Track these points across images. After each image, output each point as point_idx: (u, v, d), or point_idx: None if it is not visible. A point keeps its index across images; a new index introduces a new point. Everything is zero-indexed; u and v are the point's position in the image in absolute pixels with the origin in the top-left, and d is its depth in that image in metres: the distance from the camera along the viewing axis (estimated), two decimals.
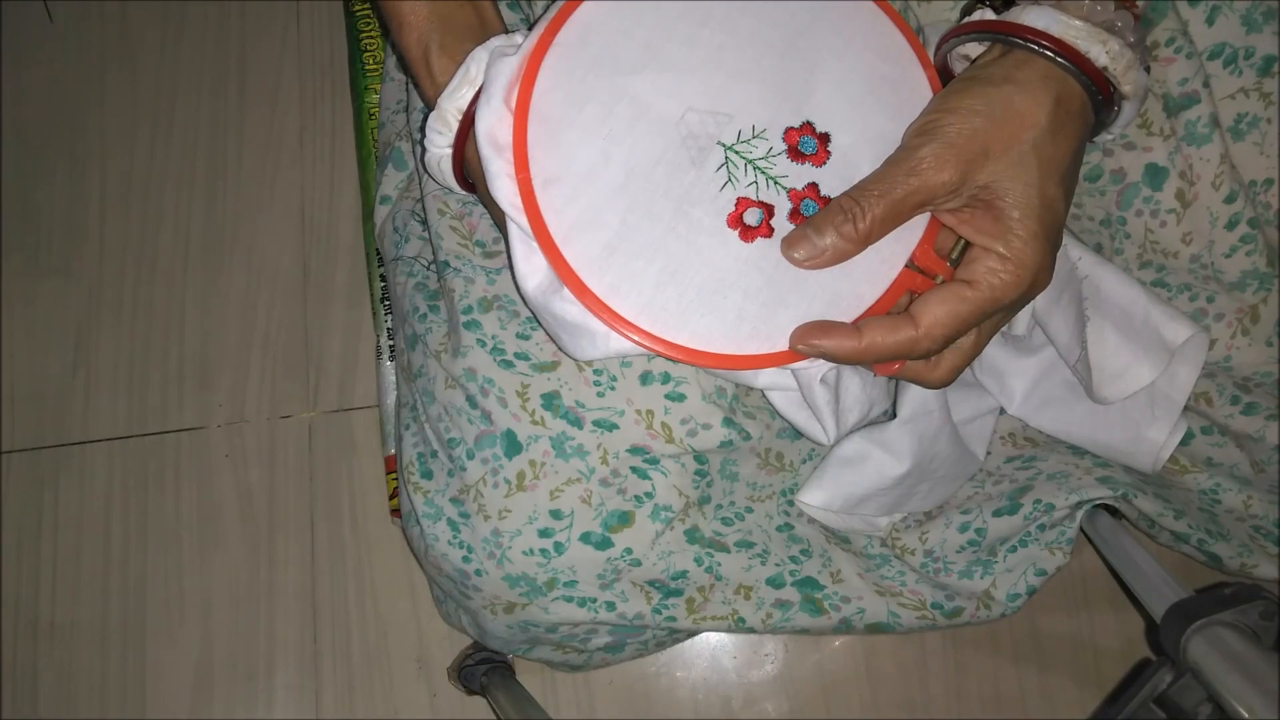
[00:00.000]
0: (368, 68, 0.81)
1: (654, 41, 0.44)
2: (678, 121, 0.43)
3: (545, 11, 0.45)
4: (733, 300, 0.42)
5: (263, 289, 0.85)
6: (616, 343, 0.43)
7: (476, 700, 0.74)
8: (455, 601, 0.56)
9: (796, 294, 0.43)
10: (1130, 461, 0.56)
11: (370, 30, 0.82)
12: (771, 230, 0.43)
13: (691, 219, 0.43)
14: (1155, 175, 0.48)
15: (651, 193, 0.43)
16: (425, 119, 0.45)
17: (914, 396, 0.52)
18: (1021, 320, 0.53)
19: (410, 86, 0.58)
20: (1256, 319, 0.50)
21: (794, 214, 0.43)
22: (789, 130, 0.44)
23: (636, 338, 0.42)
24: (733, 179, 0.43)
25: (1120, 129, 0.42)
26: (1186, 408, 0.53)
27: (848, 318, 0.42)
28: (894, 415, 0.53)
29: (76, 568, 0.80)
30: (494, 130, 0.43)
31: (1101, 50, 0.38)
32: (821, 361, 0.43)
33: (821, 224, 0.40)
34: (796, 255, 0.41)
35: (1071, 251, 0.51)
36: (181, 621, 0.79)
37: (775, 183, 0.43)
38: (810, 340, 0.41)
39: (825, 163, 0.44)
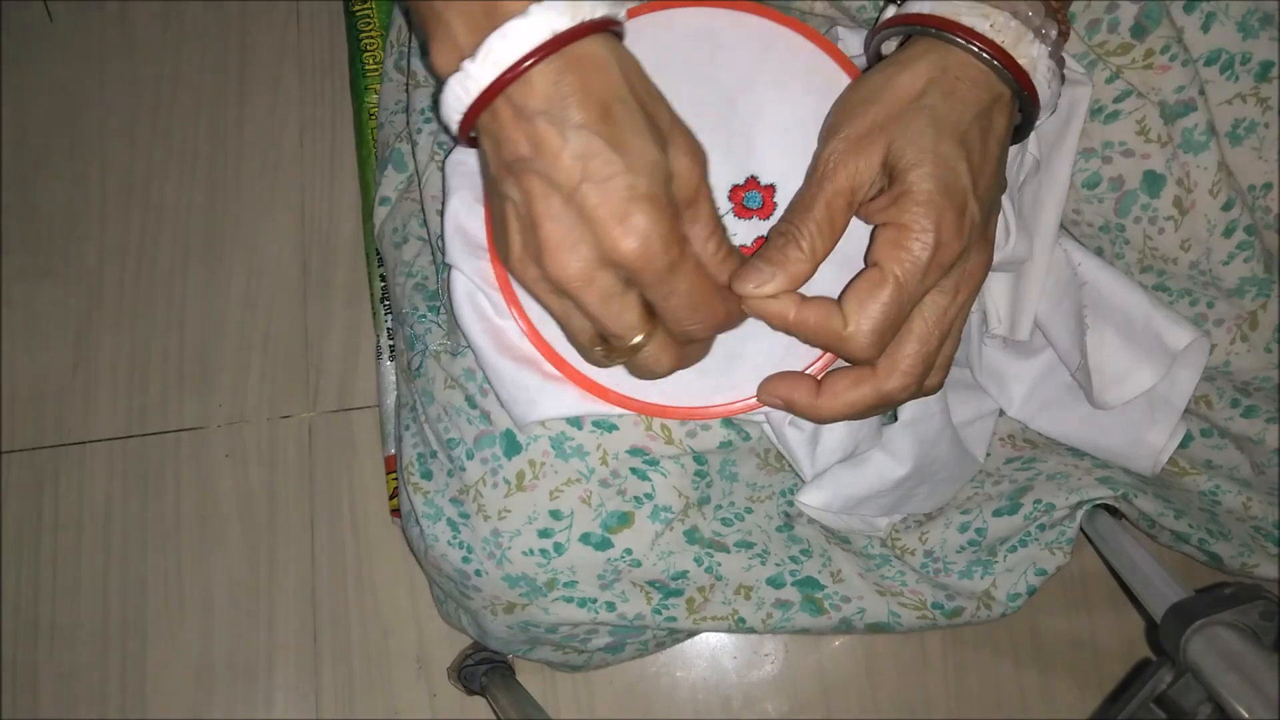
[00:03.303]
0: (368, 68, 0.81)
1: None
2: None
3: None
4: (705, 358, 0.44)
5: (263, 289, 0.85)
6: (562, 407, 0.45)
7: (476, 700, 0.74)
8: (455, 601, 0.56)
9: (754, 343, 0.44)
10: (1129, 464, 0.56)
11: (370, 30, 0.82)
12: None
13: None
14: (1153, 183, 0.48)
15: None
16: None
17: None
18: (1023, 326, 0.53)
19: (410, 87, 0.58)
20: (1256, 325, 0.50)
21: None
22: (734, 188, 0.45)
23: (613, 404, 0.45)
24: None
25: (1048, 109, 0.40)
26: (1186, 411, 0.53)
27: (806, 360, 0.44)
28: (894, 417, 0.53)
29: (76, 568, 0.80)
30: (464, 223, 0.45)
31: (982, 20, 0.37)
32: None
33: (766, 253, 0.40)
34: (750, 287, 0.39)
35: (1073, 256, 0.52)
36: (181, 621, 0.79)
37: None
38: (776, 394, 0.42)
39: (773, 214, 0.46)
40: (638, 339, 0.38)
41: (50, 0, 0.90)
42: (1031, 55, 0.38)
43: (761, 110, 0.46)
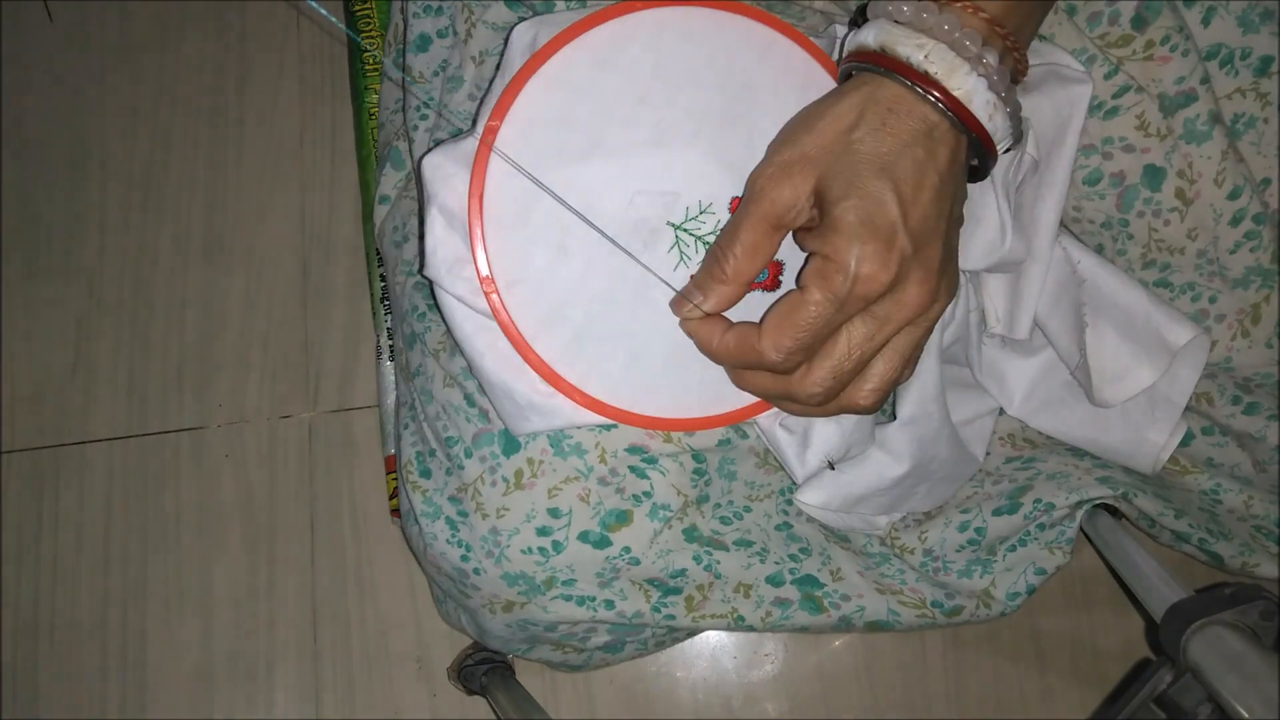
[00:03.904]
0: (368, 68, 0.81)
1: (595, 127, 0.45)
2: (627, 206, 0.45)
3: (484, 102, 0.46)
4: (694, 370, 0.46)
5: (263, 289, 0.85)
6: (555, 420, 0.46)
7: (476, 700, 0.74)
8: (455, 601, 0.56)
9: None
10: (1130, 463, 0.56)
11: (370, 30, 0.82)
12: None
13: (649, 301, 0.45)
14: (1153, 176, 0.47)
15: (610, 280, 0.45)
16: None
17: (913, 398, 0.52)
18: (1022, 324, 0.53)
19: (406, 84, 0.58)
20: (1258, 319, 0.50)
21: None
22: (734, 200, 0.46)
23: (612, 418, 0.46)
24: (684, 258, 0.46)
25: (1002, 140, 0.40)
26: (1187, 408, 0.53)
27: None
28: (893, 416, 0.53)
29: (76, 568, 0.80)
30: (443, 237, 0.45)
31: (916, 51, 0.38)
32: (777, 411, 0.47)
33: (698, 277, 0.43)
34: (685, 313, 0.43)
35: (1072, 254, 0.51)
36: (181, 621, 0.79)
37: None
38: (683, 312, 0.44)
39: None
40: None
41: (50, 0, 0.90)
42: (966, 87, 0.38)
43: (759, 119, 0.46)
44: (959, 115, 0.38)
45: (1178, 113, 0.46)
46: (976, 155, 0.41)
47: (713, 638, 0.79)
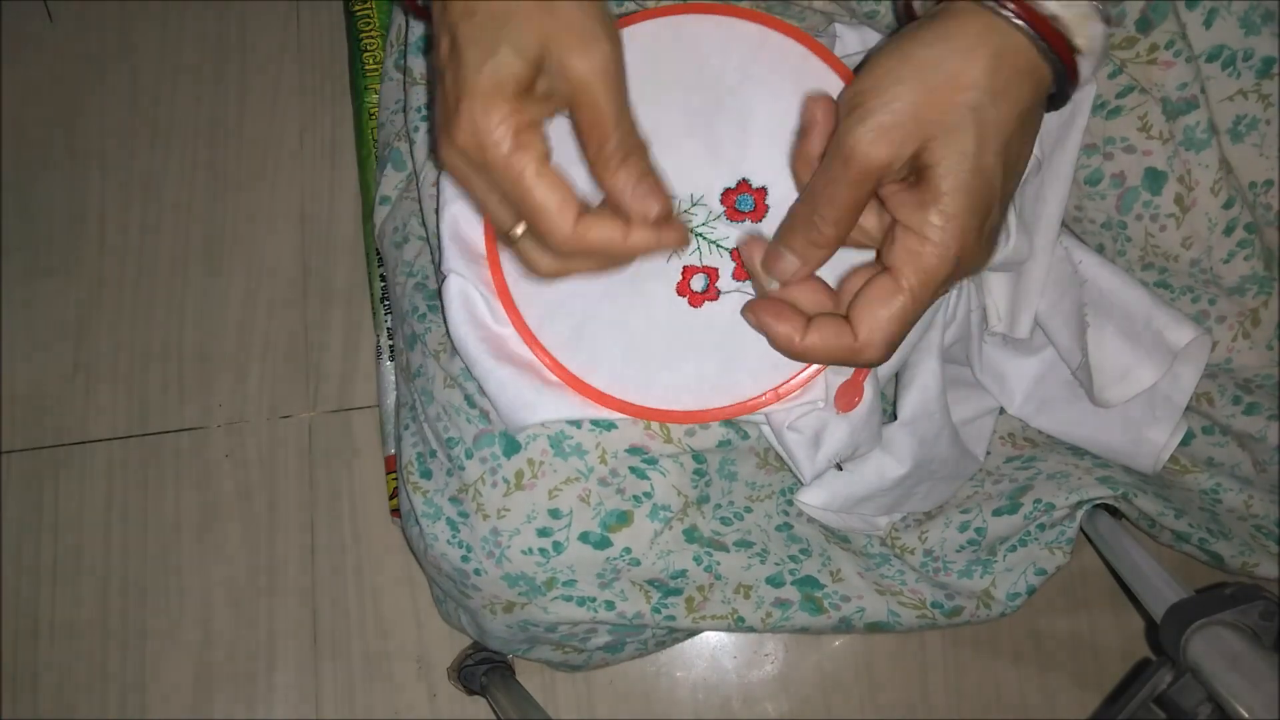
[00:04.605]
0: (368, 68, 0.81)
1: None
2: None
3: None
4: (692, 362, 0.46)
5: (263, 289, 0.85)
6: (560, 410, 0.46)
7: (476, 700, 0.74)
8: (455, 601, 0.56)
9: (752, 346, 0.45)
10: (1130, 462, 0.56)
11: (370, 30, 0.82)
12: (718, 293, 0.46)
13: (646, 293, 0.46)
14: (1154, 180, 0.47)
15: (609, 274, 0.45)
16: None
17: (914, 398, 0.52)
18: (1023, 324, 0.53)
19: (408, 85, 0.58)
20: (1257, 322, 0.50)
21: (739, 272, 0.46)
22: (726, 191, 0.46)
23: (612, 408, 0.46)
24: (678, 250, 0.46)
25: (1080, 90, 0.38)
26: (1188, 408, 0.53)
27: (800, 365, 0.44)
28: (894, 416, 0.53)
29: (76, 568, 0.80)
30: (463, 231, 0.47)
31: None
32: (784, 409, 0.46)
33: (788, 239, 0.39)
34: (778, 277, 0.39)
35: (1074, 254, 0.51)
36: (181, 621, 0.79)
37: (717, 246, 0.46)
38: (760, 316, 0.40)
39: (765, 216, 0.46)
40: (511, 230, 0.38)
41: (50, 0, 0.90)
42: (1091, 36, 0.35)
43: (752, 113, 0.46)
44: (1068, 71, 0.35)
45: (1179, 119, 0.46)
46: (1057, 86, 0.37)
47: (713, 638, 0.79)
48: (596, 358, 0.46)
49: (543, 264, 0.39)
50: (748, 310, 0.41)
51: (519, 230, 0.38)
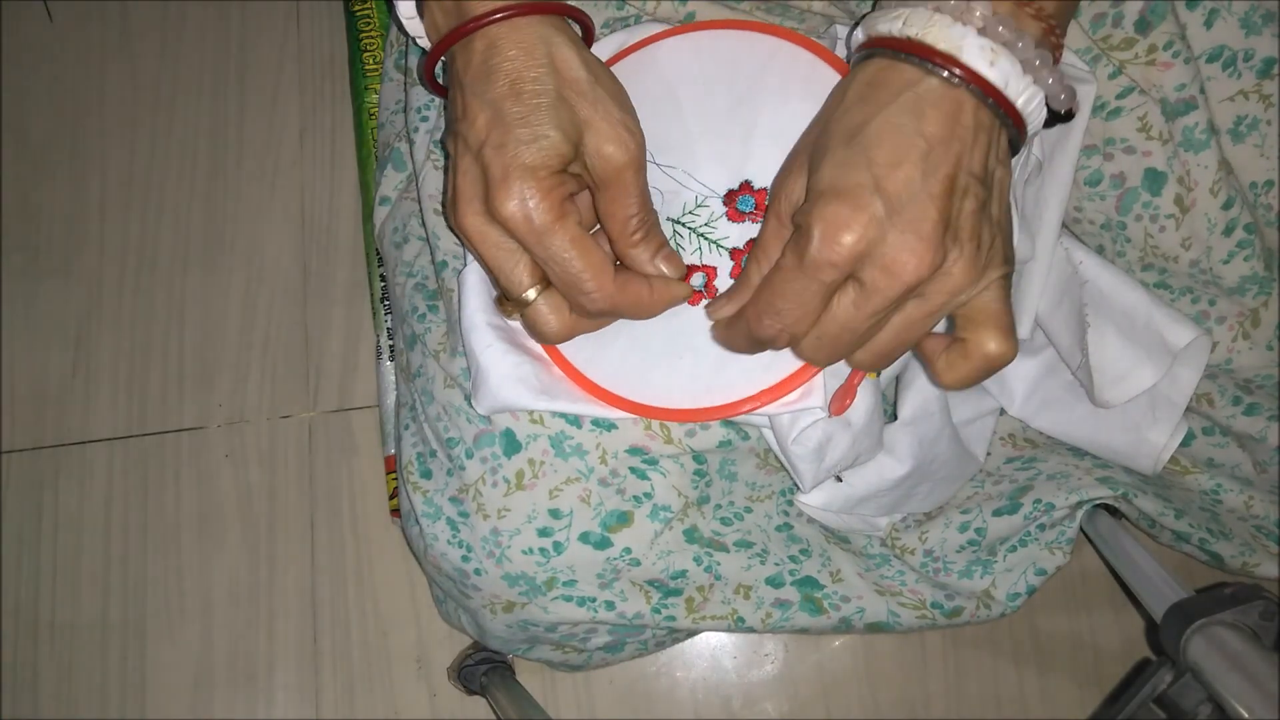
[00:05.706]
0: (368, 68, 0.81)
1: None
2: None
3: None
4: (687, 360, 0.46)
5: (263, 289, 0.85)
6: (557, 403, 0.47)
7: (476, 700, 0.74)
8: (455, 601, 0.56)
9: None
10: (1131, 463, 0.56)
11: (370, 30, 0.82)
12: (716, 292, 0.46)
13: None
14: (1154, 180, 0.48)
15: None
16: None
17: (914, 398, 0.52)
18: (1023, 324, 0.53)
19: (409, 86, 0.58)
20: (1258, 323, 0.50)
21: (736, 271, 0.46)
22: (729, 193, 0.47)
23: (610, 404, 0.46)
24: (680, 249, 0.47)
25: (1019, 93, 0.37)
26: (1188, 409, 0.53)
27: (793, 367, 0.44)
28: (894, 416, 0.53)
29: (76, 568, 0.80)
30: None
31: (895, 22, 0.36)
32: (784, 410, 0.45)
33: (728, 290, 0.43)
34: (716, 316, 0.44)
35: (1074, 254, 0.51)
36: (181, 621, 0.79)
37: (717, 245, 0.46)
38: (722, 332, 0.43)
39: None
40: (527, 295, 0.42)
41: (50, 0, 0.90)
42: (951, 39, 0.35)
43: (758, 118, 0.47)
44: (958, 71, 0.35)
45: (1178, 120, 0.46)
46: (1000, 119, 0.37)
47: (713, 638, 0.79)
48: (596, 354, 0.46)
49: (551, 325, 0.43)
50: (712, 308, 0.44)
51: (533, 294, 0.42)
